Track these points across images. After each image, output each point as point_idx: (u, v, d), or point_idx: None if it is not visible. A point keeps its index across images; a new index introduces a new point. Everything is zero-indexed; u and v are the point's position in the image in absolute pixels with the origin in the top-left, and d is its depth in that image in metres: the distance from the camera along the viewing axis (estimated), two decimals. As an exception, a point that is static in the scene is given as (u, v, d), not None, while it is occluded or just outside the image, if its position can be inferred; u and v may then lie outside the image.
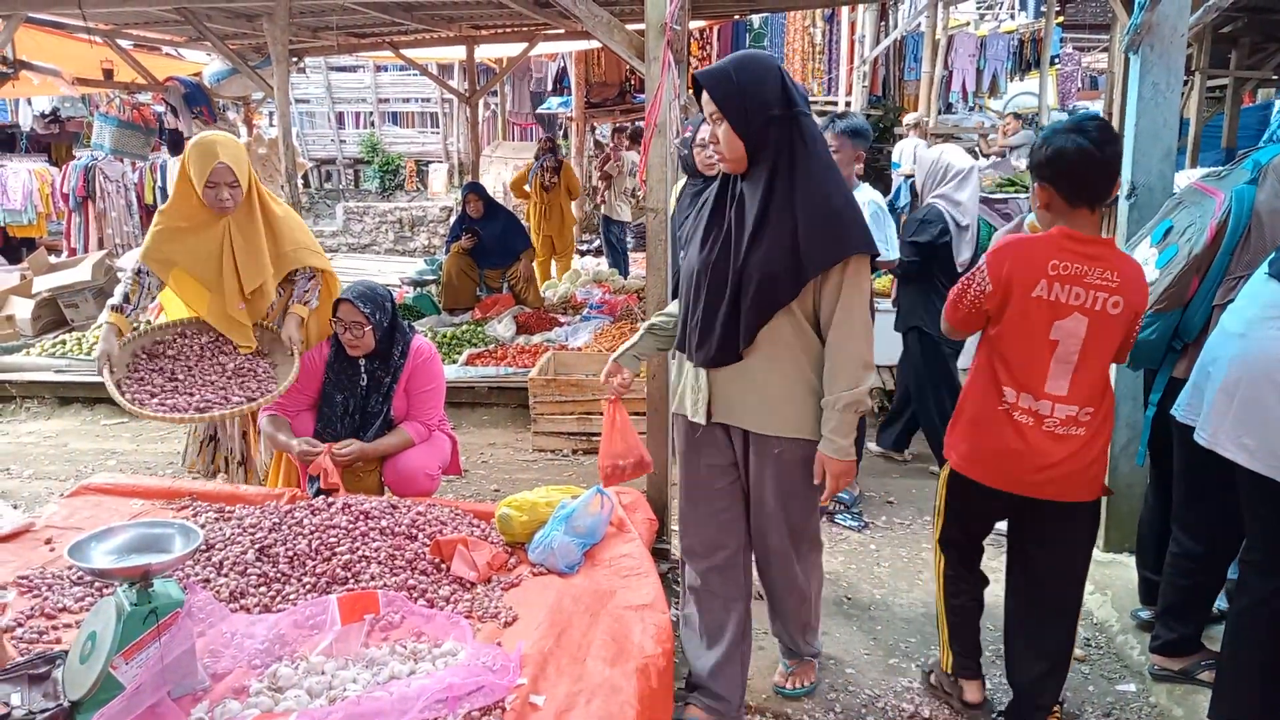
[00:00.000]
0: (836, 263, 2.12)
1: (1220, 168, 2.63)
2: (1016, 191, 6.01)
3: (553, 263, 8.85)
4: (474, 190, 7.63)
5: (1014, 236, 2.35)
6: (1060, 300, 2.17)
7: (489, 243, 7.42)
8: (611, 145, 10.20)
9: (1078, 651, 2.92)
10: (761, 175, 2.16)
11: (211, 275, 3.36)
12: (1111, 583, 3.25)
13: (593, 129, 12.67)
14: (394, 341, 3.37)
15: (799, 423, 2.25)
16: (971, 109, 12.35)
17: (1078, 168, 2.17)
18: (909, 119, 9.72)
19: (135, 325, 3.43)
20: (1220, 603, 2.83)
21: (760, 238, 2.16)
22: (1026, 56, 12.37)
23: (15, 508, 4.09)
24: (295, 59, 8.88)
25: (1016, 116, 10.13)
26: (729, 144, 2.17)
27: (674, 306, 2.54)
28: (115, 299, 3.35)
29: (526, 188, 8.73)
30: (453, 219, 10.47)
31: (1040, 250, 2.20)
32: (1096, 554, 3.47)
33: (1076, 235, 2.19)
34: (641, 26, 3.04)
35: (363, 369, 3.37)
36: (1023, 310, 2.21)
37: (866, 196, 3.84)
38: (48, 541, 2.83)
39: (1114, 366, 3.18)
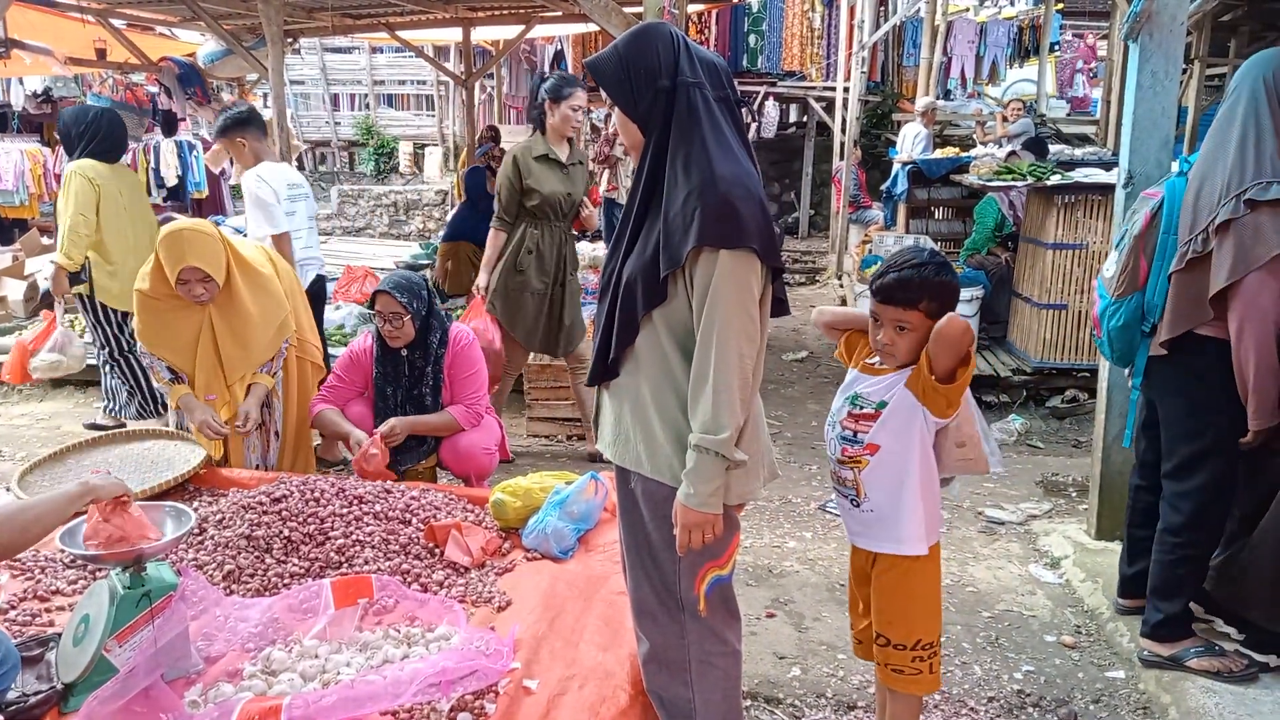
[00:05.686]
0: (683, 256, 1.72)
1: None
2: (1014, 179, 5.99)
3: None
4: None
5: None
6: None
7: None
8: (610, 131, 10.11)
9: (1067, 638, 2.95)
10: (645, 162, 1.84)
11: (189, 364, 3.21)
12: (1103, 570, 3.27)
13: (589, 113, 12.59)
14: (430, 330, 3.41)
15: (652, 462, 1.84)
16: (970, 95, 12.30)
17: None
18: (920, 104, 9.63)
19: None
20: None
21: (638, 234, 1.85)
22: (1025, 43, 12.33)
23: (7, 490, 4.09)
24: (290, 40, 8.81)
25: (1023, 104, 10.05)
26: (624, 130, 1.88)
27: None
28: (167, 374, 3.24)
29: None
30: (455, 203, 10.36)
31: None
32: (1088, 542, 3.51)
33: None
34: (639, 9, 3.03)
35: (404, 359, 3.43)
36: None
37: (268, 173, 3.95)
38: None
39: (1102, 361, 3.26)
